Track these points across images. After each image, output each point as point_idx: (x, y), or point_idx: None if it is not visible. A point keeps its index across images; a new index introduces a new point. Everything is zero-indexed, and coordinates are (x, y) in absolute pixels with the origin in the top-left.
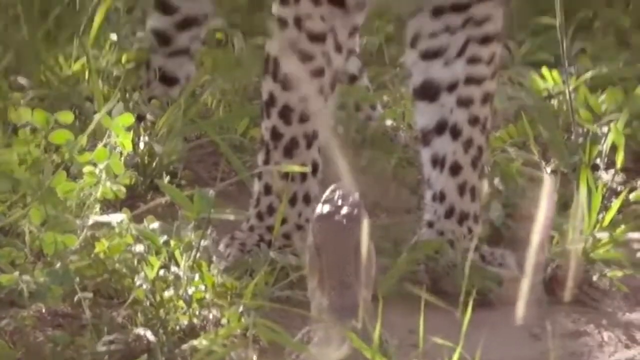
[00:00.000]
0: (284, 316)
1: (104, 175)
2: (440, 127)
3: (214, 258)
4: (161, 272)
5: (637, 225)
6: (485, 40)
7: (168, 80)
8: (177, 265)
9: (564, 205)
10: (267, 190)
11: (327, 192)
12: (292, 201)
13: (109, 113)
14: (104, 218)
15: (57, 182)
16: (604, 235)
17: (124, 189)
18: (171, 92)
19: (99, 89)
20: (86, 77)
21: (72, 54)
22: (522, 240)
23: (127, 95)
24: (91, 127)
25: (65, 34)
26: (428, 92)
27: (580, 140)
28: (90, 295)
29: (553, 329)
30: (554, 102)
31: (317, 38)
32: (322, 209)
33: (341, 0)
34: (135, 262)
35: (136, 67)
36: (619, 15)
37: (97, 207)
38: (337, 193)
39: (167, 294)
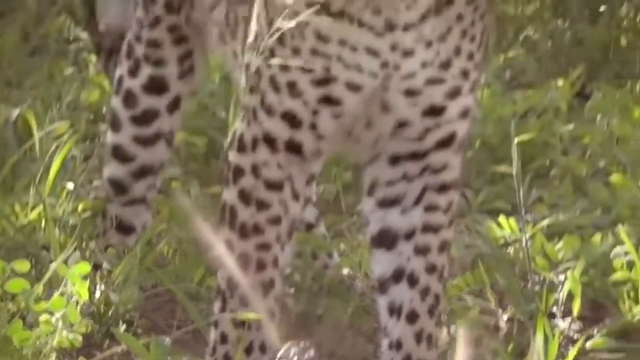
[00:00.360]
0: None
1: (60, 324)
2: (397, 275)
3: None
4: None
5: None
6: (443, 188)
7: (124, 228)
8: None
9: (520, 353)
10: (224, 339)
11: (283, 349)
12: (248, 350)
13: (65, 262)
14: None
15: (13, 331)
16: None
17: (80, 338)
18: (127, 240)
19: (55, 238)
20: (42, 225)
21: (29, 203)
22: None
23: (84, 244)
24: (47, 275)
25: (21, 182)
26: (385, 240)
27: (537, 288)
28: None
29: None
30: (511, 250)
31: (274, 186)
32: None
33: (298, 148)
34: None
35: (92, 215)
36: (575, 164)
37: (53, 356)
38: (293, 350)
39: None
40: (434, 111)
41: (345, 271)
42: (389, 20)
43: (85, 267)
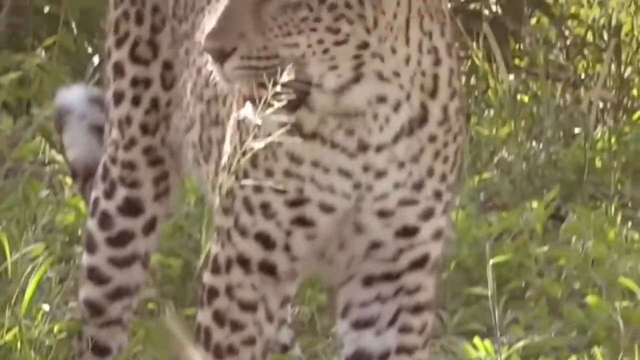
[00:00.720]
0: None
1: None
2: None
3: None
4: None
5: None
6: (417, 309)
7: (100, 350)
8: None
9: None
10: None
11: None
12: None
13: None
14: None
15: None
16: None
17: None
18: None
19: (31, 359)
20: (18, 347)
21: (4, 324)
22: None
23: None
24: None
25: None
26: None
27: None
28: None
29: None
30: None
31: (248, 307)
32: None
33: (272, 270)
34: None
35: (68, 337)
36: (550, 285)
37: None
38: None
39: None
40: (407, 232)
41: None
42: (362, 141)
43: None
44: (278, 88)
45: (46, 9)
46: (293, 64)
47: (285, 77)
